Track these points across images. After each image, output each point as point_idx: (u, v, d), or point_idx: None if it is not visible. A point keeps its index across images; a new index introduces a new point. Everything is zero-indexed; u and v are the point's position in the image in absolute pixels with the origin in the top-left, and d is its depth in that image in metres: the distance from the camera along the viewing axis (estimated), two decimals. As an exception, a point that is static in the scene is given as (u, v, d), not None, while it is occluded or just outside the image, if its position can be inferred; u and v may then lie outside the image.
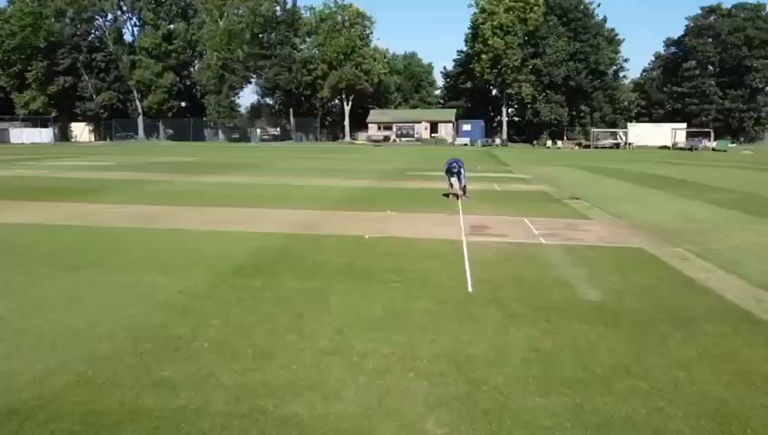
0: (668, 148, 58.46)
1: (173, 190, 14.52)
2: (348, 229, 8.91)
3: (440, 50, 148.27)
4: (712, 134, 58.78)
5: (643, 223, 10.11)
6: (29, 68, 65.79)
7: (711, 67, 68.41)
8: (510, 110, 73.71)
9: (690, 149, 55.22)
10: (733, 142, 61.66)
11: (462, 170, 12.76)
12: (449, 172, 12.89)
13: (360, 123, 73.14)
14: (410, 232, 8.75)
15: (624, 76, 74.92)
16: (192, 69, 76.01)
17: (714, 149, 55.26)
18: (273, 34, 71.29)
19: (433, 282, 5.79)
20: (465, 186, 13.16)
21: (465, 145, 63.34)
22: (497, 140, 67.15)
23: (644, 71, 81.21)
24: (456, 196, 13.05)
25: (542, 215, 10.86)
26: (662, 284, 5.92)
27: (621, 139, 62.61)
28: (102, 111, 70.92)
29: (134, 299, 5.02)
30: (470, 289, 5.54)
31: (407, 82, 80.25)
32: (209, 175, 19.65)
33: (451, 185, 13.11)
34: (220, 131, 74.89)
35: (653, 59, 79.19)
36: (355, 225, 9.37)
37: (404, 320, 4.58)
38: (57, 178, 18.22)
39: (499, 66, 65.73)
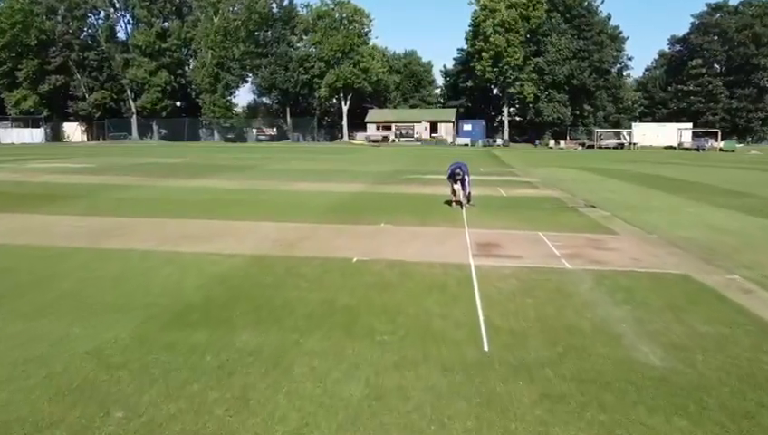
0: (674, 148, 57.07)
1: (145, 197, 13.11)
2: (333, 249, 7.50)
3: (440, 48, 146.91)
4: (719, 134, 57.40)
5: (674, 238, 8.72)
6: (19, 66, 64.17)
7: (717, 66, 66.96)
8: (511, 109, 72.24)
9: (697, 150, 53.84)
10: (740, 143, 60.25)
11: (467, 177, 11.38)
12: (452, 178, 11.51)
13: (358, 123, 71.65)
14: (407, 252, 7.35)
15: (628, 75, 73.57)
16: (187, 68, 74.47)
17: (721, 150, 53.90)
18: (270, 32, 69.83)
19: (435, 333, 4.38)
20: (469, 193, 11.80)
21: (466, 145, 61.95)
22: (498, 141, 65.77)
23: (646, 70, 79.93)
24: (460, 203, 11.70)
25: (559, 228, 9.46)
26: (734, 332, 4.51)
27: (625, 139, 61.24)
28: (95, 110, 69.33)
29: (19, 367, 3.61)
30: (486, 346, 4.13)
31: (406, 81, 78.70)
32: (192, 178, 18.24)
33: (454, 192, 11.74)
34: (215, 131, 73.34)
35: (656, 57, 77.93)
36: (343, 242, 7.97)
37: (394, 408, 3.16)
38: (27, 182, 16.81)
39: (500, 64, 64.23)
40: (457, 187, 11.60)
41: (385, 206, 11.96)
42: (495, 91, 73.98)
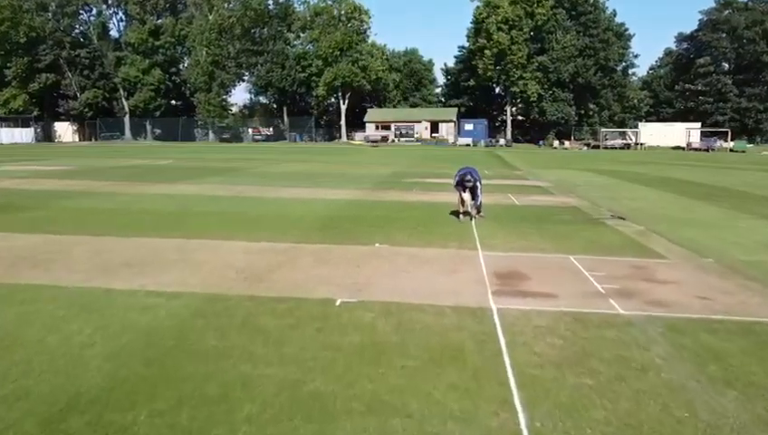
0: (682, 148, 55.44)
1: (106, 207, 11.41)
2: (312, 283, 5.82)
3: (441, 46, 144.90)
4: (729, 134, 55.77)
5: (737, 263, 7.09)
6: (8, 65, 62.38)
7: (726, 64, 65.20)
8: (514, 108, 70.48)
9: (706, 150, 52.23)
10: (749, 143, 58.58)
11: (478, 184, 9.74)
12: (461, 185, 9.84)
13: (357, 123, 69.89)
14: (408, 288, 5.69)
15: (633, 73, 71.85)
16: (182, 66, 72.69)
17: (731, 150, 52.31)
18: (266, 29, 67.99)
19: (454, 464, 2.69)
20: (480, 202, 10.13)
21: (468, 145, 60.28)
22: (501, 141, 64.04)
23: (651, 68, 78.28)
24: (468, 214, 10.07)
25: (591, 249, 7.82)
26: None
27: (631, 139, 59.58)
28: (87, 109, 67.50)
29: None
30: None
31: (406, 80, 76.83)
32: (171, 183, 16.56)
33: (462, 201, 10.07)
34: (210, 131, 71.50)
35: (660, 56, 76.31)
36: (325, 272, 6.29)
37: None
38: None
39: (503, 62, 62.49)
40: (466, 196, 9.95)
41: (381, 218, 10.30)
42: (498, 90, 72.32)
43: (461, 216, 10.17)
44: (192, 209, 11.32)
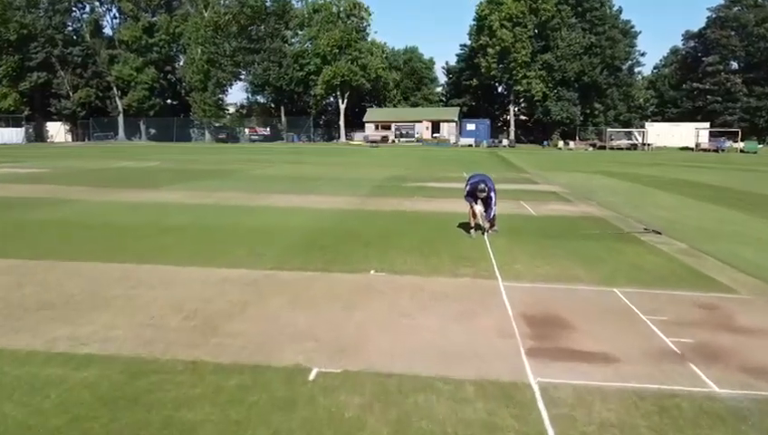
0: (690, 149, 53.86)
1: (60, 219, 9.90)
2: (280, 339, 4.31)
3: (443, 44, 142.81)
4: (740, 134, 54.22)
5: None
6: (-2, 63, 61.08)
7: (735, 62, 63.55)
8: (517, 108, 68.84)
9: (716, 151, 50.68)
10: (760, 143, 57.00)
11: (492, 195, 8.24)
12: (473, 196, 8.32)
13: (356, 122, 68.28)
14: (410, 346, 4.20)
15: (639, 72, 70.24)
16: (177, 64, 71.11)
17: (742, 151, 50.80)
18: (263, 27, 66.38)
19: None
20: (494, 215, 8.63)
21: (470, 146, 58.74)
22: (504, 141, 62.47)
23: (655, 68, 76.72)
24: (480, 227, 8.57)
25: (637, 277, 6.39)
26: None
27: (638, 139, 58.02)
28: (80, 109, 65.93)
29: None
30: None
31: (406, 79, 75.12)
32: (149, 189, 15.05)
33: (474, 214, 8.56)
34: (207, 131, 69.89)
35: (665, 55, 74.74)
36: (301, 320, 4.77)
37: None
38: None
39: (506, 61, 60.87)
40: (478, 208, 8.44)
41: (378, 233, 8.80)
42: (501, 89, 70.74)
43: (472, 230, 8.67)
44: (162, 222, 9.78)
